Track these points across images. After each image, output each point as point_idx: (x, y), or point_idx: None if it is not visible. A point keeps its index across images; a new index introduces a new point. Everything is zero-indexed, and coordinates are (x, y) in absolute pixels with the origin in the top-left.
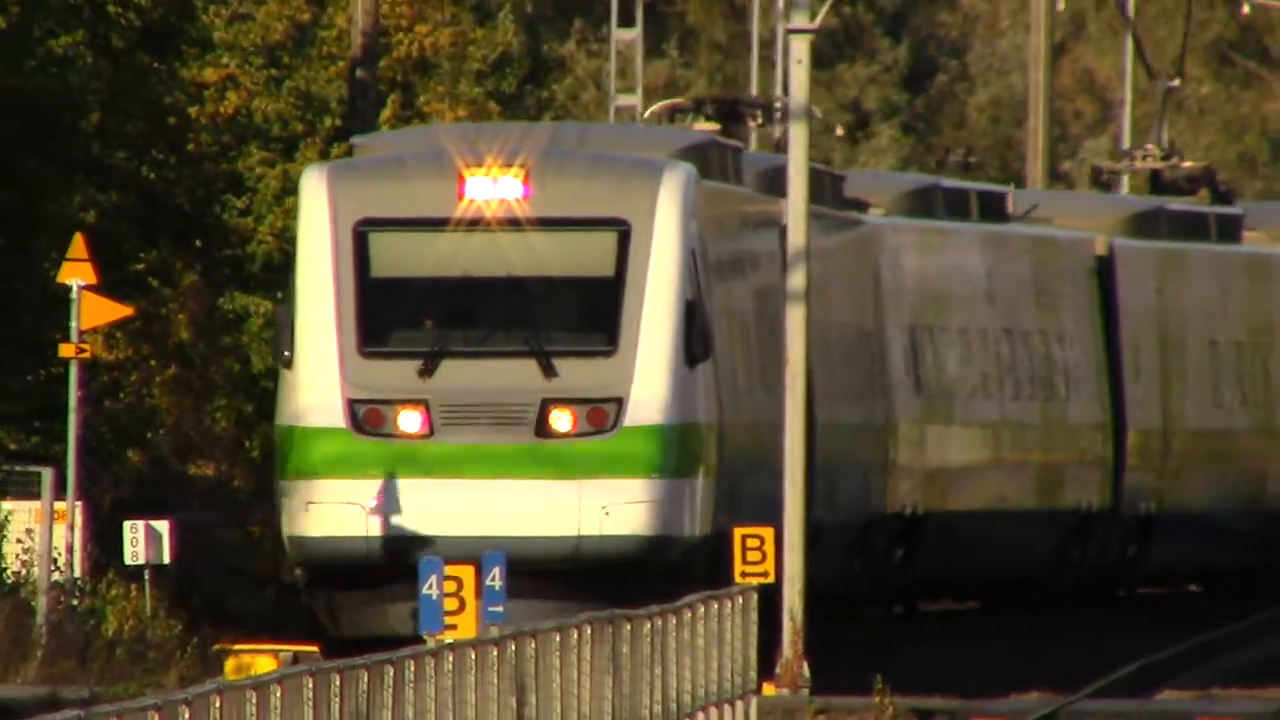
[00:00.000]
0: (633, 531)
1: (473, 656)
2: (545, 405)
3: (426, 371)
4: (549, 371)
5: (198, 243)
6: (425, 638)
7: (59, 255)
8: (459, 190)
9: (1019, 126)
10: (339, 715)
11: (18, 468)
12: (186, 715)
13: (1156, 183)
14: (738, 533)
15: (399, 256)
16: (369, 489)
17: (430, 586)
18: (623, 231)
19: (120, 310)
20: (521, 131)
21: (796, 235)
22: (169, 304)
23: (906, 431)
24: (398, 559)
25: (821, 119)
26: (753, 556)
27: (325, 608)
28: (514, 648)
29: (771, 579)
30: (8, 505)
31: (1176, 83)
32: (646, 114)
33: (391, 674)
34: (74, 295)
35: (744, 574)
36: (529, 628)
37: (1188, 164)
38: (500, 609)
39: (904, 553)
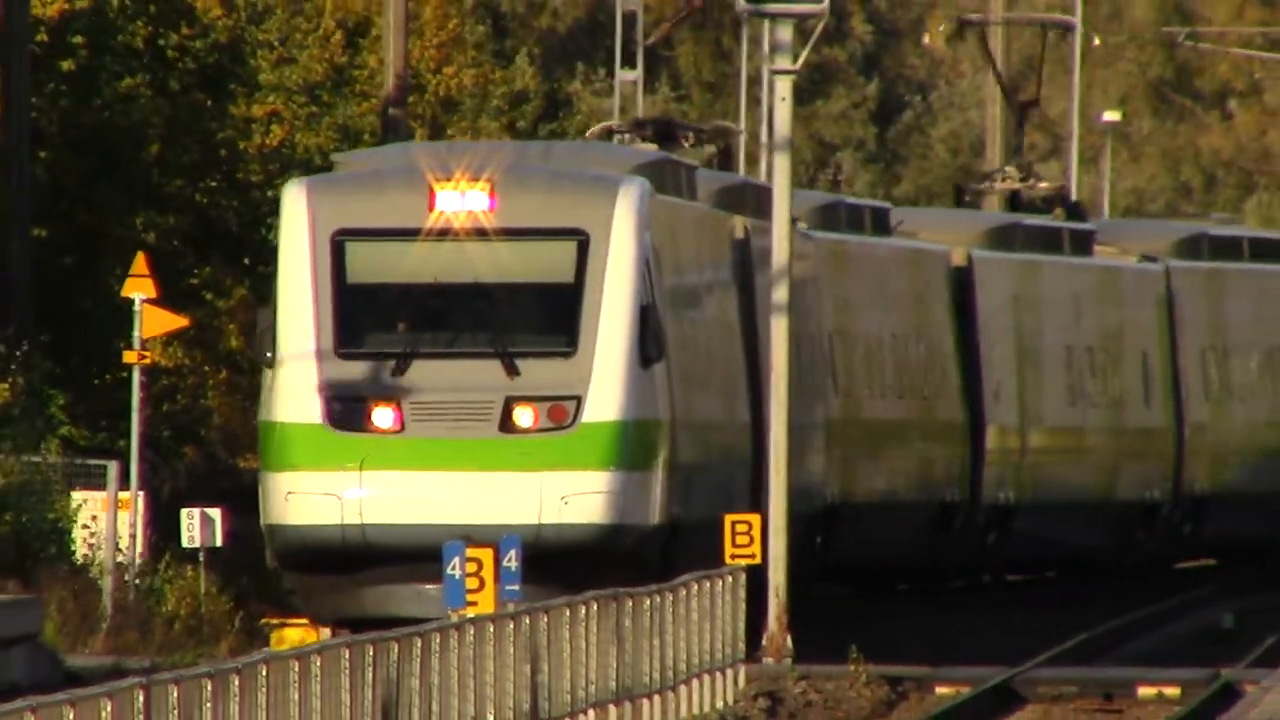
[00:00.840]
0: (590, 520)
1: (491, 630)
2: (509, 402)
3: (398, 371)
4: (512, 371)
5: (246, 260)
6: (450, 613)
7: (123, 272)
8: (429, 203)
9: (977, 156)
10: (372, 682)
11: (87, 461)
12: (236, 682)
13: (1015, 202)
14: (728, 519)
15: (373, 264)
16: (344, 480)
17: (454, 567)
18: (581, 241)
19: (177, 321)
20: (488, 148)
21: (780, 253)
22: (220, 315)
23: (831, 428)
24: (371, 546)
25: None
26: (741, 540)
27: (303, 591)
28: (528, 622)
29: (758, 560)
30: (77, 495)
31: (1119, 118)
32: (587, 134)
33: (419, 645)
34: (136, 308)
35: (734, 556)
36: (541, 604)
37: (1044, 185)
38: (516, 587)
39: (822, 540)
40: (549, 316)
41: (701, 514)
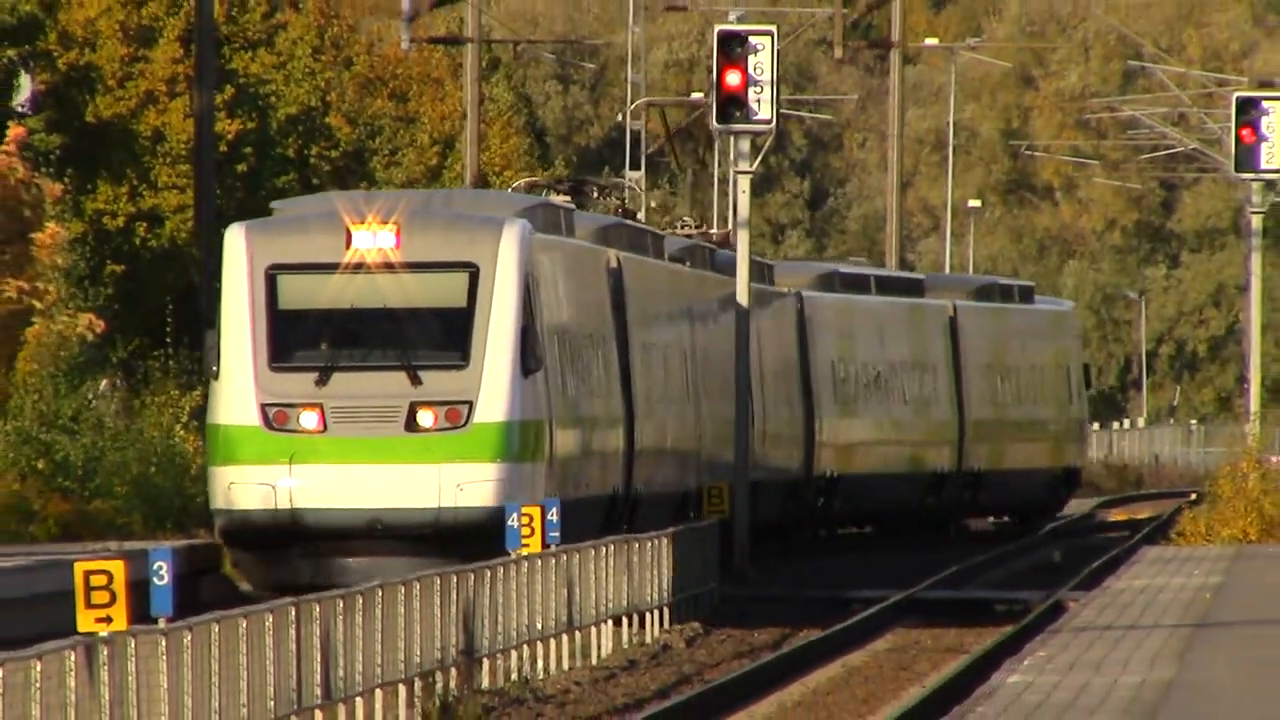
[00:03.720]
0: (481, 504)
1: (539, 564)
2: (413, 406)
3: (322, 381)
4: (416, 380)
5: None
6: (510, 552)
7: None
8: (346, 241)
9: (880, 231)
10: (456, 600)
11: None
12: (361, 601)
13: None
14: (705, 486)
15: (300, 293)
16: (277, 473)
17: (512, 521)
18: (472, 272)
19: None
20: (396, 196)
21: (742, 300)
22: None
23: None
24: (299, 527)
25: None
26: (715, 501)
27: (243, 565)
28: (565, 558)
29: (727, 515)
30: None
31: (979, 205)
32: (511, 188)
33: (488, 575)
34: None
35: (709, 513)
36: (572, 546)
37: (714, 232)
38: (556, 534)
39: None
40: (446, 335)
41: (578, 495)
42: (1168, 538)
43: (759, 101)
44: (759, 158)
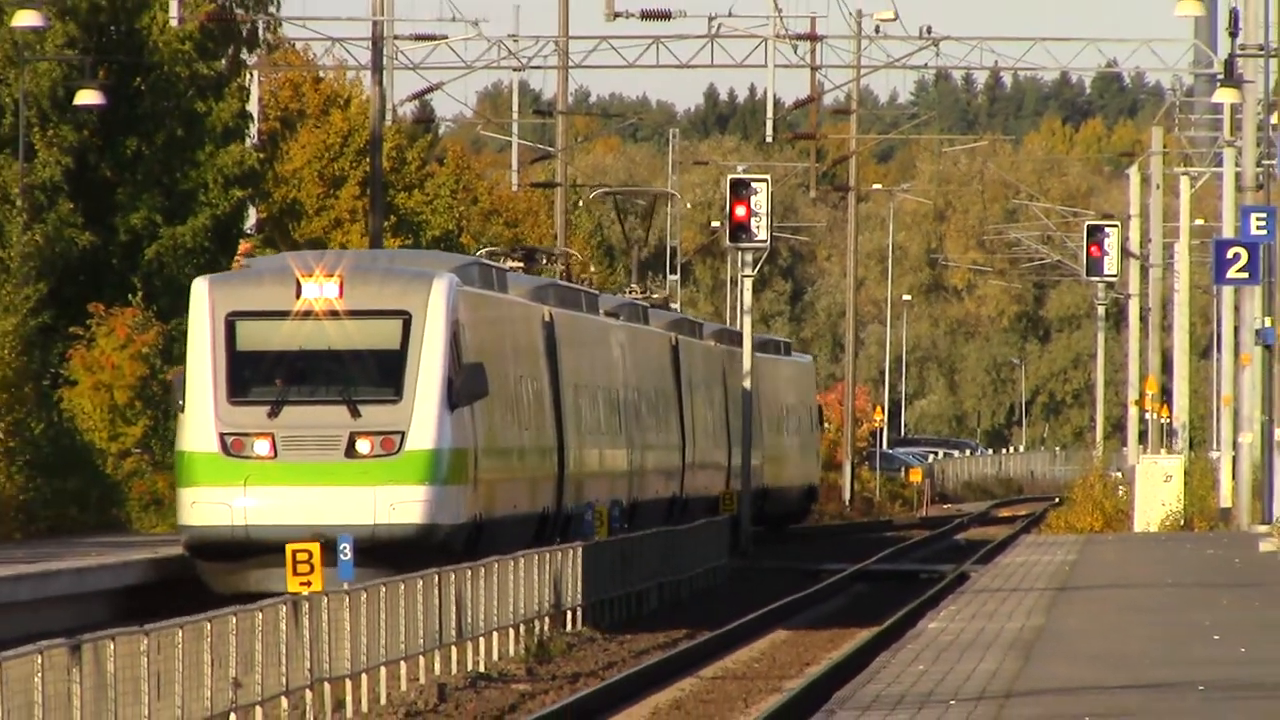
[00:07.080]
0: (411, 521)
1: (605, 546)
2: (353, 436)
3: (273, 414)
4: (355, 413)
5: None
6: (589, 537)
7: None
8: (296, 292)
9: (841, 318)
10: (549, 570)
11: None
12: (483, 572)
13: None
14: (721, 492)
15: (255, 336)
16: (233, 493)
17: (587, 515)
18: (405, 319)
19: None
20: (342, 253)
21: (749, 363)
22: None
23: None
24: (252, 541)
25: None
26: (727, 502)
27: (205, 573)
28: (623, 542)
29: (735, 512)
30: None
31: (910, 298)
32: (475, 255)
33: (571, 553)
34: None
35: (722, 510)
36: (625, 535)
37: (655, 295)
38: (617, 525)
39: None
40: (381, 374)
41: (502, 514)
42: (1039, 528)
43: (758, 227)
44: (757, 266)
